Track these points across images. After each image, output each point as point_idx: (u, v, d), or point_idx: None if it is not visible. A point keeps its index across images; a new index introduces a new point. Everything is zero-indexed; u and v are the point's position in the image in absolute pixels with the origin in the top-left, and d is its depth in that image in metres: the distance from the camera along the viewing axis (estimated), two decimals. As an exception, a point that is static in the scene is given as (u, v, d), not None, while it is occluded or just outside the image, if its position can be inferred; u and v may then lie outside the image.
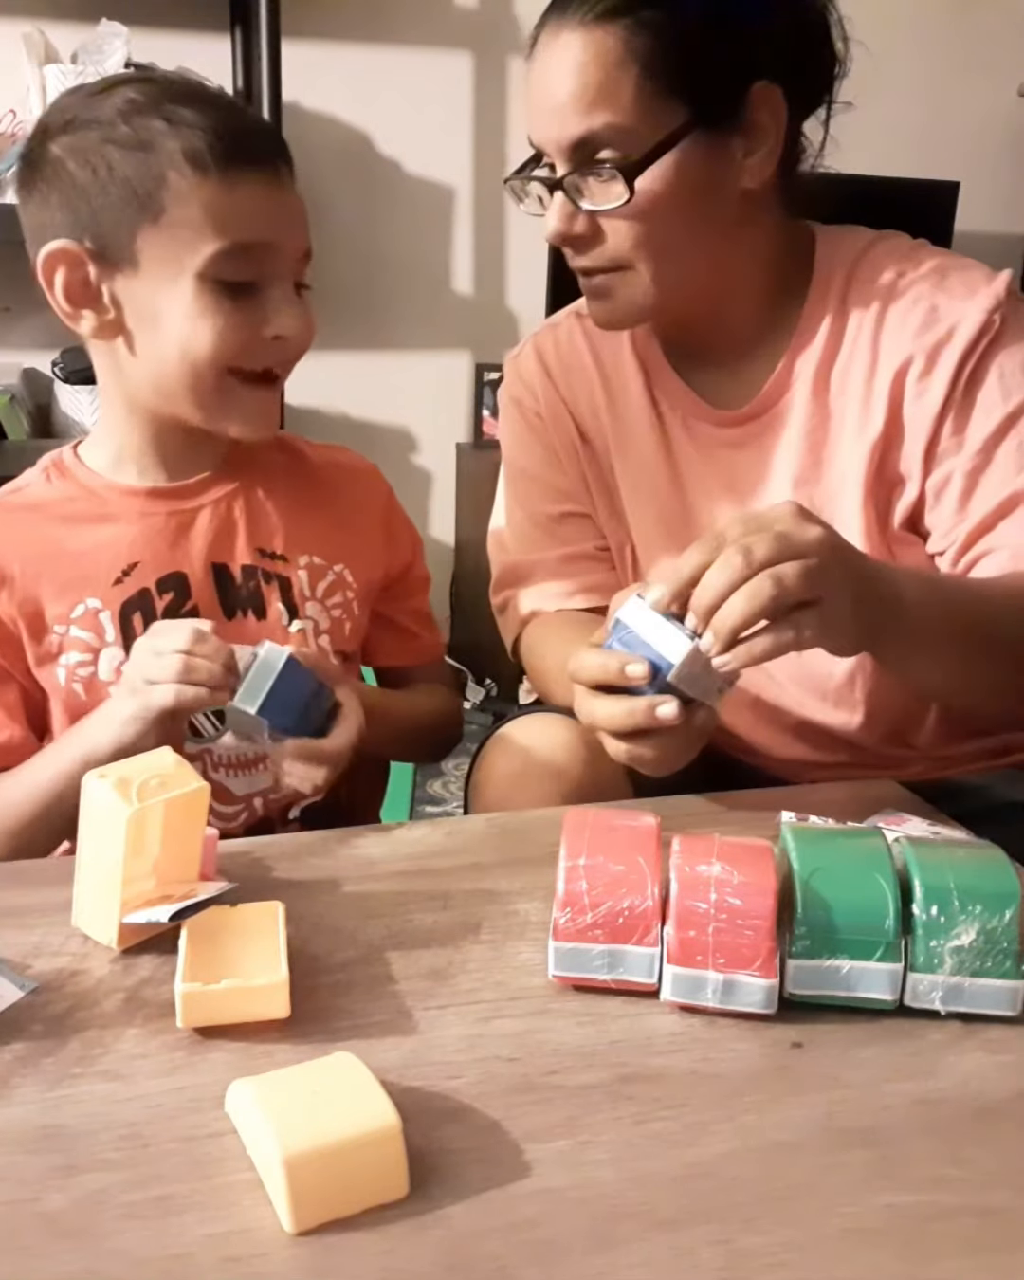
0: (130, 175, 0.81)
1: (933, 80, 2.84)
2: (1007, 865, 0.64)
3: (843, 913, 0.61)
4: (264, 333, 0.84)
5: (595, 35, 0.87)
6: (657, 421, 1.06)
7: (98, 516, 0.91)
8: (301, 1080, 0.52)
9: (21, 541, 0.89)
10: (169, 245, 0.81)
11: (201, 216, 0.81)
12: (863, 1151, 0.53)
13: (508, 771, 0.94)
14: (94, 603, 0.89)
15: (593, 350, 1.09)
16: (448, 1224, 0.48)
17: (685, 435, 1.05)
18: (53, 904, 0.70)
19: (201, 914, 0.64)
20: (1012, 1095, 0.57)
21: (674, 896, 0.62)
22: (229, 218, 0.81)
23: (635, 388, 1.07)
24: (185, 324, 0.83)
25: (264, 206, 0.83)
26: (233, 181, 0.81)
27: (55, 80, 2.08)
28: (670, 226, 0.92)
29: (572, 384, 1.10)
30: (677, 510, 1.06)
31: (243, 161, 0.81)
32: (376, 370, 2.68)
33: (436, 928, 0.70)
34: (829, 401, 0.99)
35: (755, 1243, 0.48)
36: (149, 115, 0.81)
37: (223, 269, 0.82)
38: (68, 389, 2.27)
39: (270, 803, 0.96)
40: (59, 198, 0.84)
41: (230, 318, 0.83)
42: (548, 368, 1.11)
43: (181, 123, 0.81)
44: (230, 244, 0.81)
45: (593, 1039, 0.61)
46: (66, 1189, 0.50)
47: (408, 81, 2.58)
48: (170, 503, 0.92)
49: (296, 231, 0.86)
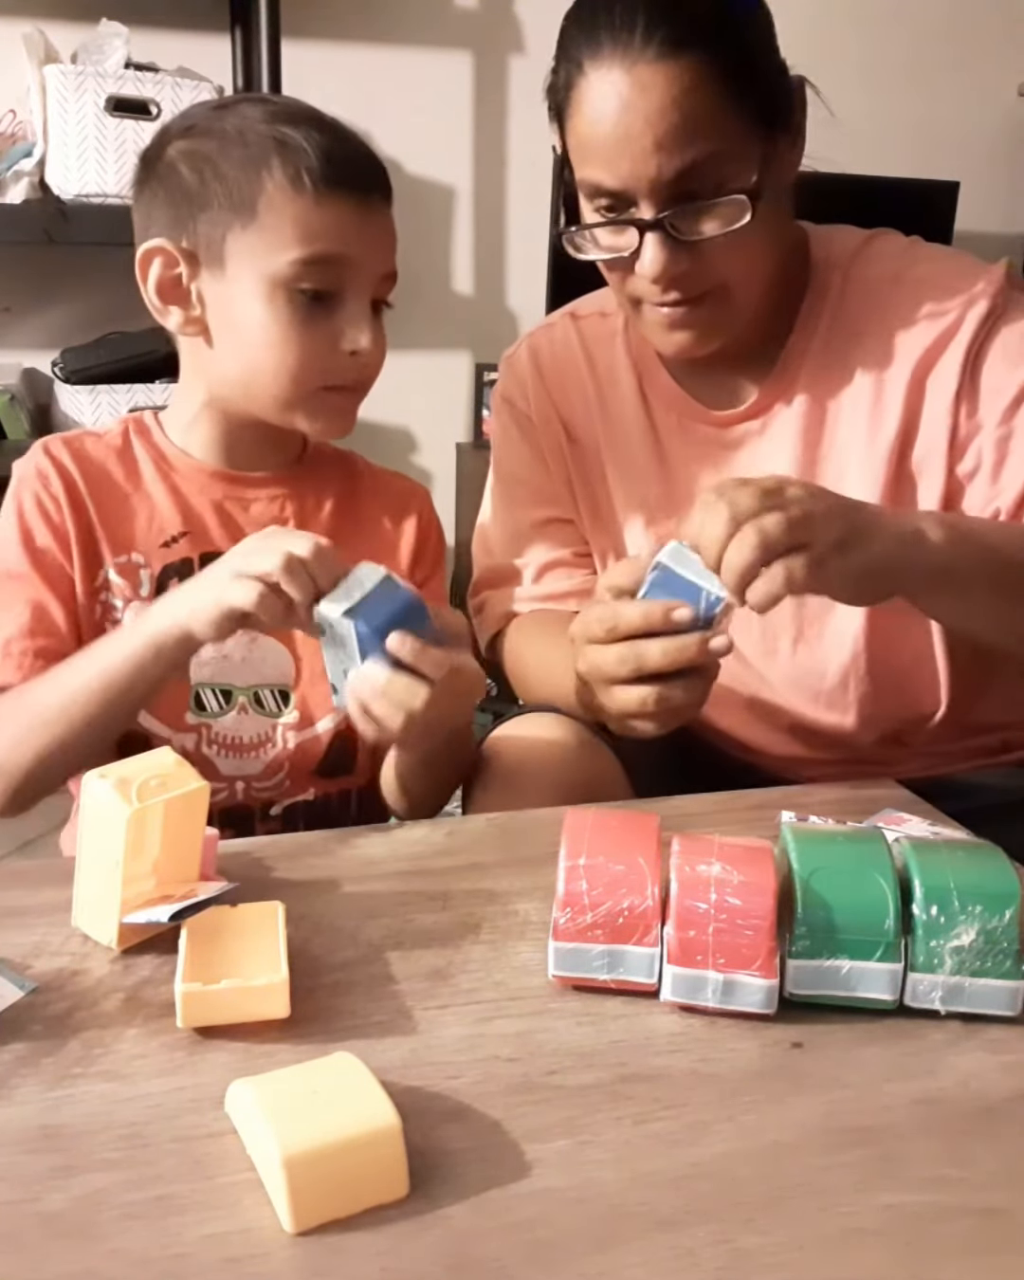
0: (233, 182, 0.85)
1: (932, 80, 2.84)
2: (1007, 865, 0.64)
3: (843, 913, 0.61)
4: (340, 346, 0.87)
5: (678, 66, 0.84)
6: (649, 424, 1.06)
7: (163, 479, 0.94)
8: (301, 1080, 0.52)
9: (96, 478, 0.93)
10: (256, 250, 0.85)
11: (289, 225, 0.85)
12: (863, 1151, 0.53)
13: (506, 770, 0.94)
14: (138, 558, 0.93)
15: (587, 353, 1.09)
16: (448, 1224, 0.48)
17: (679, 438, 1.05)
18: (53, 904, 0.70)
19: (201, 914, 0.64)
20: (1012, 1095, 0.57)
21: (674, 896, 0.62)
22: (314, 229, 0.85)
23: (628, 390, 1.07)
24: (259, 329, 0.87)
25: (349, 224, 0.86)
26: (323, 198, 0.84)
27: (55, 80, 2.07)
28: (765, 239, 0.91)
29: (565, 385, 1.10)
30: (668, 513, 1.06)
31: (336, 182, 0.85)
32: (377, 370, 2.68)
33: (436, 928, 0.70)
34: (827, 402, 0.99)
35: (755, 1243, 0.48)
36: (263, 131, 0.86)
37: (301, 277, 0.85)
38: (68, 389, 2.26)
39: (253, 791, 0.96)
40: (165, 197, 0.89)
41: (304, 327, 0.86)
42: (541, 368, 1.11)
43: (290, 140, 0.85)
44: (310, 253, 0.85)
45: (593, 1039, 0.61)
46: (66, 1189, 0.50)
47: (408, 81, 2.58)
48: (230, 487, 0.95)
49: (380, 252, 0.89)
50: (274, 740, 0.95)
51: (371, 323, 0.88)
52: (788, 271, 0.99)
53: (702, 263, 0.90)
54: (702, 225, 0.88)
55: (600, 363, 1.09)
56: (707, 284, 0.91)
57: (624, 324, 1.08)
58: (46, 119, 2.09)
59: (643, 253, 0.89)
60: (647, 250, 0.89)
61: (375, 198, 0.89)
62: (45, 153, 2.10)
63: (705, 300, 0.92)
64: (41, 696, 0.84)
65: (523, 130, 2.74)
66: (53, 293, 2.33)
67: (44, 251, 2.23)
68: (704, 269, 0.90)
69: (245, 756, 0.95)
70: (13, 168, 2.09)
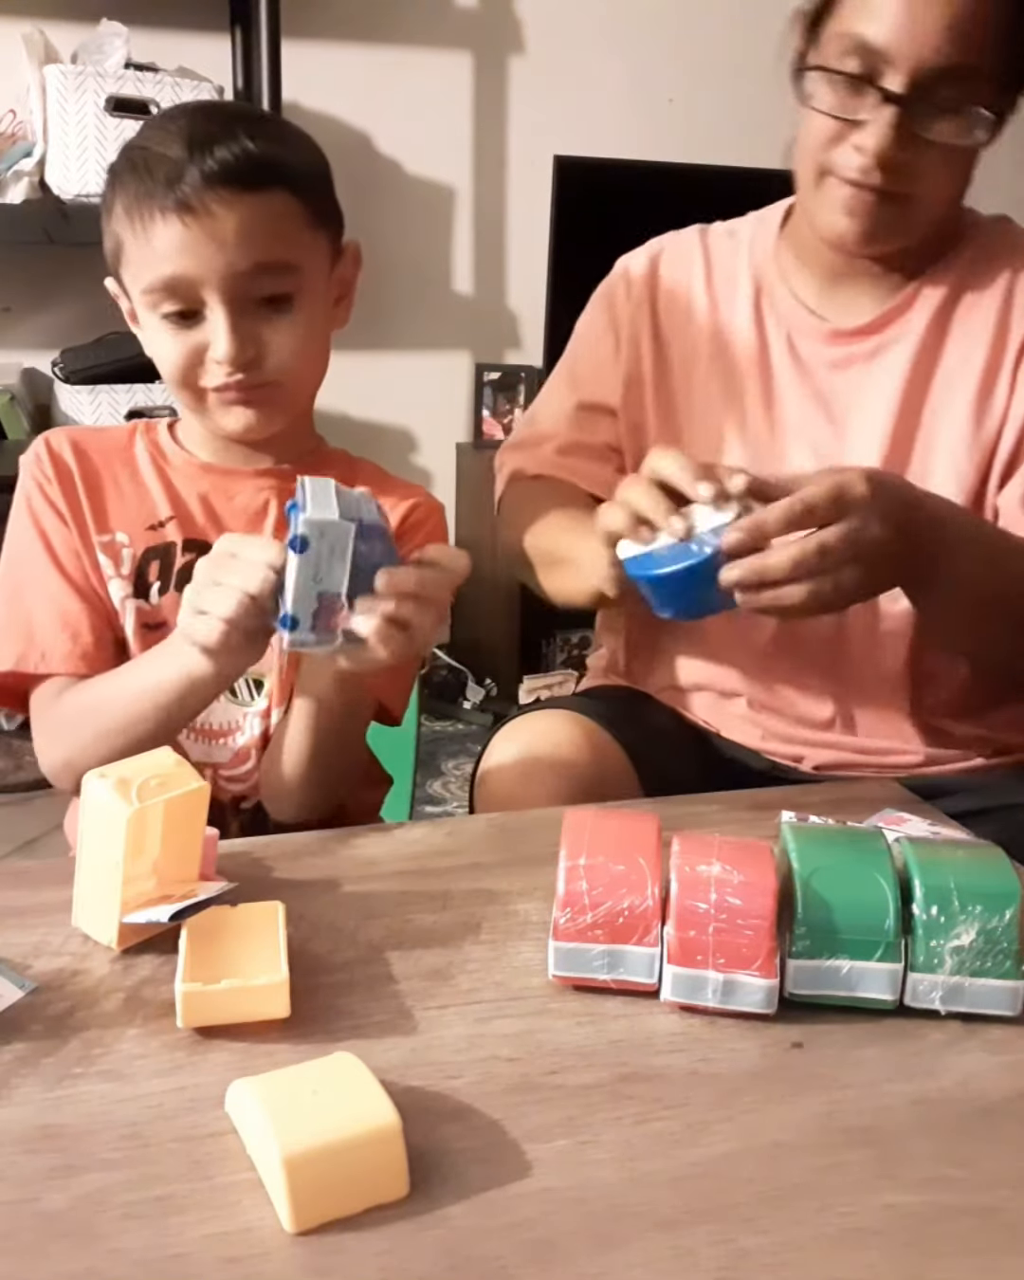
0: (107, 228, 0.89)
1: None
2: (1007, 865, 0.64)
3: (843, 913, 0.61)
4: (208, 356, 0.88)
5: None
6: (758, 335, 1.06)
7: (157, 472, 0.97)
8: (301, 1080, 0.52)
9: (89, 462, 0.96)
10: (131, 284, 0.89)
11: (135, 259, 0.87)
12: (863, 1151, 0.53)
13: (514, 767, 0.94)
14: (122, 537, 0.94)
15: (707, 261, 1.10)
16: (448, 1224, 0.48)
17: (788, 354, 1.05)
18: (53, 904, 0.70)
19: (201, 914, 0.64)
20: (1012, 1095, 0.57)
21: (674, 896, 0.62)
22: (149, 258, 0.85)
23: (744, 301, 1.07)
24: (152, 349, 0.91)
25: (177, 242, 0.84)
26: (147, 223, 0.84)
27: (55, 80, 2.08)
28: (968, 167, 0.94)
29: (675, 290, 1.10)
30: (759, 427, 1.05)
31: (164, 206, 0.83)
32: (376, 370, 2.68)
33: (436, 928, 0.70)
34: (946, 337, 1.00)
35: (755, 1243, 0.48)
36: (119, 167, 0.88)
37: (156, 304, 0.87)
38: (68, 389, 2.27)
39: (222, 781, 0.96)
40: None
41: (174, 344, 0.88)
42: (655, 272, 1.11)
43: (119, 178, 0.87)
44: (149, 283, 0.86)
45: (593, 1039, 0.61)
46: (66, 1189, 0.50)
47: (408, 81, 2.58)
48: (217, 479, 0.97)
49: (223, 257, 0.84)
50: (242, 727, 0.96)
51: (231, 330, 0.85)
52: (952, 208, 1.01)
53: (915, 161, 0.91)
54: (940, 124, 0.90)
55: (720, 271, 1.09)
56: (907, 185, 0.92)
57: (751, 240, 1.09)
58: (46, 119, 2.09)
59: (872, 126, 0.90)
60: (878, 124, 0.89)
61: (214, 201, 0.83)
62: (45, 153, 2.11)
63: (894, 201, 0.93)
64: (103, 708, 0.87)
65: (523, 130, 2.75)
66: (53, 293, 2.33)
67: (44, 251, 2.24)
68: (913, 168, 0.91)
69: (213, 743, 0.96)
70: (13, 168, 2.09)
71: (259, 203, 0.84)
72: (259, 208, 0.84)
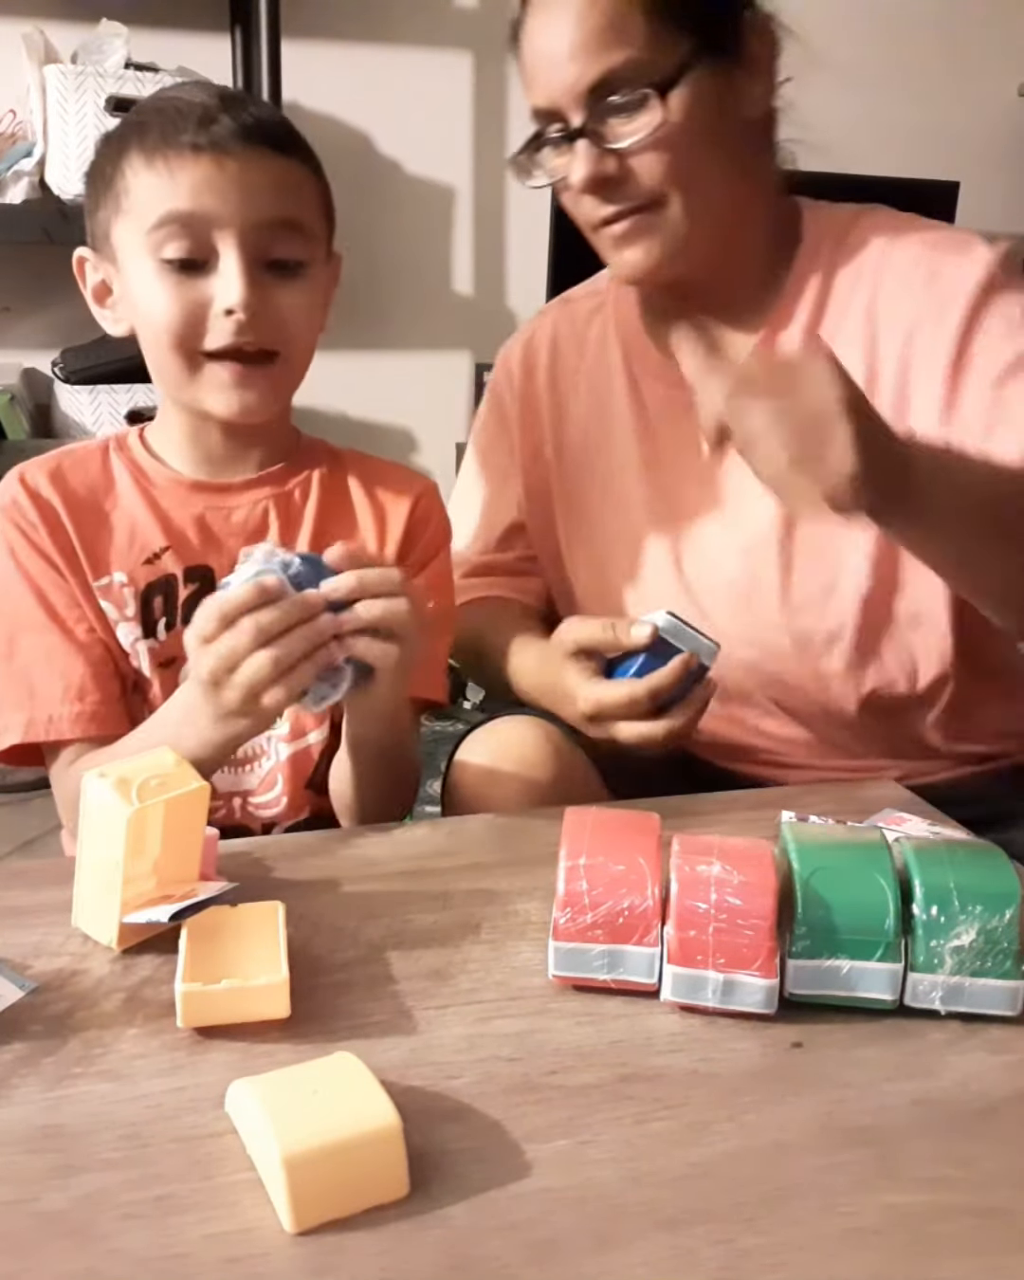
0: (107, 178, 0.86)
1: (932, 80, 2.84)
2: (1007, 865, 0.64)
3: (843, 913, 0.61)
4: (215, 309, 0.84)
5: None
6: (635, 399, 1.07)
7: (142, 495, 0.93)
8: (302, 1080, 0.52)
9: (74, 500, 0.91)
10: (130, 232, 0.85)
11: (146, 199, 0.83)
12: (863, 1151, 0.53)
13: (480, 770, 0.94)
14: (120, 577, 0.91)
15: (577, 336, 1.11)
16: (448, 1224, 0.48)
17: (666, 410, 1.05)
18: (53, 904, 0.70)
19: (201, 914, 0.64)
20: (1012, 1095, 0.57)
21: (674, 896, 0.62)
22: (165, 193, 0.82)
23: (616, 366, 1.08)
24: (144, 305, 0.86)
25: (203, 179, 0.82)
26: (173, 162, 0.82)
27: (55, 80, 2.07)
28: (696, 152, 0.92)
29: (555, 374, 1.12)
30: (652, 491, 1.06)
31: (189, 144, 0.82)
32: (376, 370, 2.68)
33: (436, 928, 0.70)
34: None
35: (755, 1243, 0.48)
36: (131, 119, 0.86)
37: (161, 244, 0.83)
38: (68, 389, 2.26)
39: (250, 808, 0.95)
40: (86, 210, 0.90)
41: (176, 292, 0.83)
42: (529, 362, 1.13)
43: (143, 122, 0.85)
44: (161, 215, 0.82)
45: (593, 1039, 0.61)
46: (66, 1189, 0.50)
47: (408, 81, 2.58)
48: (210, 497, 0.93)
49: (250, 200, 0.82)
50: (267, 752, 0.95)
51: (246, 278, 0.82)
52: (776, 236, 1.00)
53: (629, 170, 0.92)
54: (621, 129, 0.90)
55: (591, 341, 1.10)
56: (639, 193, 0.93)
57: (616, 300, 1.09)
58: (46, 119, 2.09)
59: (572, 164, 0.92)
60: (574, 159, 0.92)
61: (243, 149, 0.83)
62: (45, 153, 2.10)
63: (644, 212, 0.93)
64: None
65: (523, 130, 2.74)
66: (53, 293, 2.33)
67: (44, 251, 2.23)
68: (633, 176, 0.92)
69: (240, 771, 0.94)
70: (13, 168, 2.09)
71: (288, 165, 0.85)
72: (288, 169, 0.85)
